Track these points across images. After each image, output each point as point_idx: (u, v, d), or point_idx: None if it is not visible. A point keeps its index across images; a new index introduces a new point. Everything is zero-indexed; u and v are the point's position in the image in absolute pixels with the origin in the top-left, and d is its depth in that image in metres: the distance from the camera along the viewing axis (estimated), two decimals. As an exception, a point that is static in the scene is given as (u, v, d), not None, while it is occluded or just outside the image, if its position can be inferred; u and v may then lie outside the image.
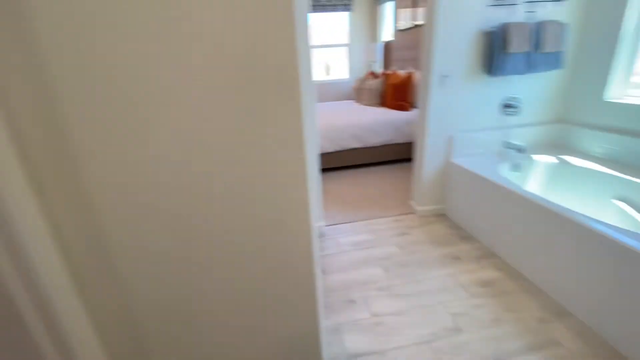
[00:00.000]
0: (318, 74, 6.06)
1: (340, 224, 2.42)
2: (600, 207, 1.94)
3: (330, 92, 6.12)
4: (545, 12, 2.06)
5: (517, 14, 2.03)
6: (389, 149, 3.61)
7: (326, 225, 2.40)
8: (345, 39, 5.95)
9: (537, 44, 2.02)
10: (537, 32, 2.00)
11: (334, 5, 5.52)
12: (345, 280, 1.80)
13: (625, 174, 1.85)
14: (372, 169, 3.58)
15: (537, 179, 2.24)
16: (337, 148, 3.46)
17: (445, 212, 2.46)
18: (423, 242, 2.12)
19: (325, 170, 3.61)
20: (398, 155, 3.67)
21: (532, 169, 2.24)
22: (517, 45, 1.97)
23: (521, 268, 1.76)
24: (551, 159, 2.19)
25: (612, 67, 2.01)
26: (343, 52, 6.04)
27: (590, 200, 2.00)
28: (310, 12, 5.49)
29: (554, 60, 2.09)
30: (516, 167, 2.22)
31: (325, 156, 3.47)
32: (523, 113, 2.31)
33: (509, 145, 2.28)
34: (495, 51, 1.99)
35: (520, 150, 2.19)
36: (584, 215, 1.42)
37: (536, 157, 2.23)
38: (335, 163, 3.55)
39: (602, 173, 1.95)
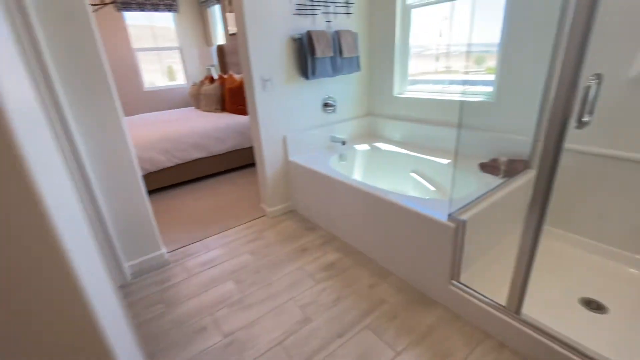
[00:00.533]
0: (156, 80, 5.38)
1: (188, 245, 2.20)
2: (404, 179, 2.43)
3: (167, 99, 5.54)
4: (339, 23, 2.40)
5: (319, 23, 2.29)
6: (237, 154, 3.54)
7: (169, 252, 2.14)
8: (175, 42, 5.48)
9: (338, 49, 2.33)
10: (337, 39, 2.31)
11: (155, 4, 4.98)
12: (195, 306, 1.64)
13: (415, 152, 2.37)
14: (222, 177, 3.43)
15: (359, 164, 2.63)
16: (178, 161, 3.14)
17: (294, 207, 2.59)
18: (274, 242, 2.16)
19: (164, 188, 3.23)
20: (247, 160, 3.64)
21: (355, 157, 2.61)
22: (322, 50, 2.21)
23: (355, 243, 2.02)
24: (366, 147, 2.60)
25: (394, 69, 2.53)
26: (176, 56, 5.56)
27: (397, 175, 2.48)
28: (124, 10, 4.81)
29: (353, 64, 2.46)
30: (343, 157, 2.53)
31: (161, 173, 3.10)
32: (340, 110, 2.65)
33: (334, 139, 2.58)
34: (306, 56, 2.19)
35: (343, 142, 2.51)
36: (382, 190, 1.73)
37: (357, 146, 2.61)
38: (178, 178, 3.22)
39: (401, 153, 2.44)
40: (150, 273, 1.94)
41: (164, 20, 5.33)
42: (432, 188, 2.27)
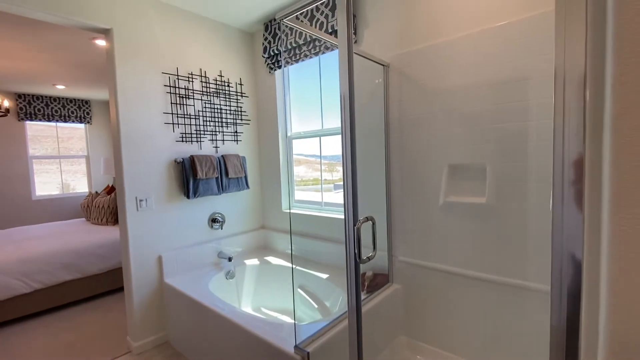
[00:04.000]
0: (50, 189, 4.93)
1: (4, 408, 1.68)
2: (292, 295, 2.37)
3: (62, 209, 5.04)
4: (227, 148, 2.64)
5: (205, 147, 2.48)
6: (120, 274, 3.17)
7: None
8: (83, 151, 5.35)
9: (224, 171, 2.50)
10: (222, 162, 2.49)
11: (65, 116, 4.99)
12: None
13: (301, 266, 2.40)
14: (98, 301, 2.95)
15: (248, 281, 2.53)
16: (39, 286, 2.67)
17: (168, 339, 2.26)
18: (127, 391, 1.78)
19: (14, 321, 2.63)
20: (135, 277, 3.26)
21: (244, 273, 2.52)
22: (205, 172, 2.34)
23: (224, 384, 1.76)
24: (256, 262, 2.57)
25: (281, 187, 2.75)
26: (82, 165, 5.34)
27: (286, 291, 2.41)
28: (27, 120, 4.69)
29: (241, 183, 2.62)
30: (230, 275, 2.42)
31: (14, 301, 2.56)
32: (230, 225, 2.67)
33: (222, 256, 2.52)
34: (188, 177, 2.28)
35: (229, 259, 2.45)
36: (238, 314, 1.63)
37: (247, 261, 2.55)
38: (36, 307, 2.68)
39: (289, 268, 2.44)
40: None
41: (73, 128, 5.28)
42: (315, 305, 2.24)
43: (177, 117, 2.30)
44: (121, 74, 2.02)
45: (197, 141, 2.42)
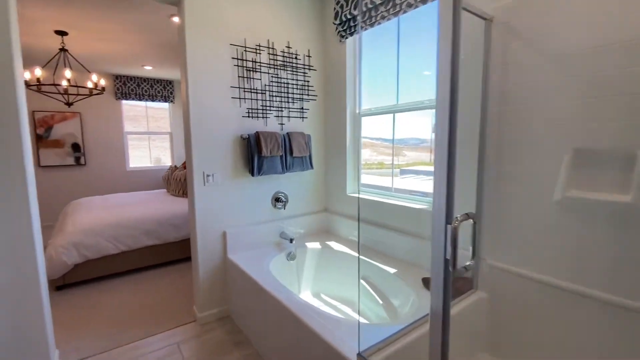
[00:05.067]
0: (142, 161, 5.55)
1: (92, 356, 1.87)
2: (355, 285, 2.20)
3: (149, 180, 5.62)
4: (292, 125, 2.50)
5: (271, 124, 2.38)
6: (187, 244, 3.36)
7: (63, 365, 1.80)
8: (167, 128, 5.84)
9: (289, 149, 2.37)
10: (287, 140, 2.37)
11: (152, 95, 5.45)
12: None
13: (367, 256, 2.20)
14: (171, 268, 3.18)
15: (309, 264, 2.42)
16: (125, 248, 2.96)
17: (230, 313, 2.29)
18: (190, 360, 1.83)
19: (102, 278, 2.97)
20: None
21: (305, 256, 2.42)
22: (270, 150, 2.24)
23: (280, 371, 1.69)
24: (317, 246, 2.44)
25: (346, 169, 2.54)
26: (167, 141, 5.85)
27: (348, 279, 2.25)
28: (122, 99, 5.25)
29: (305, 163, 2.48)
30: (291, 256, 2.34)
31: (103, 260, 2.88)
32: (293, 206, 2.57)
33: (283, 236, 2.44)
34: (253, 154, 2.21)
35: (290, 240, 2.36)
36: (299, 303, 1.50)
37: (309, 244, 2.45)
38: (121, 267, 2.99)
39: (353, 256, 2.26)
40: (23, 397, 1.58)
41: (159, 108, 5.77)
42: (380, 301, 2.03)
43: (244, 91, 2.22)
44: (191, 47, 1.98)
45: (262, 117, 2.33)
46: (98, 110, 5.04)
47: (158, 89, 5.50)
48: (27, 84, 2.96)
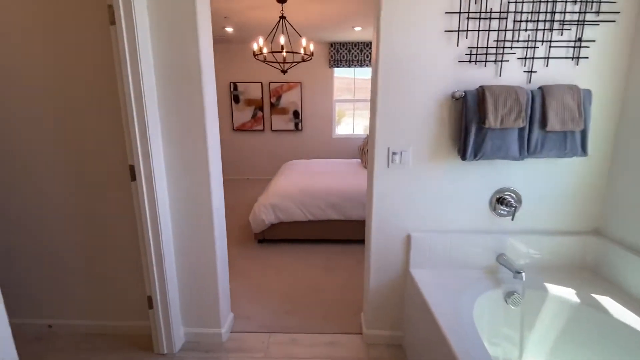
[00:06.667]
0: (346, 129, 5.72)
1: (253, 333, 1.78)
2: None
3: (352, 148, 5.68)
4: (550, 74, 1.38)
5: (508, 74, 1.39)
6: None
7: (232, 332, 1.79)
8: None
9: (539, 117, 1.33)
10: (539, 100, 1.32)
11: (361, 60, 5.28)
12: None
13: None
14: (349, 248, 2.88)
15: (549, 323, 1.39)
16: (311, 217, 2.89)
17: (404, 344, 1.67)
18: (341, 397, 1.38)
19: (283, 241, 3.02)
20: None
21: (540, 307, 1.40)
22: (503, 116, 1.30)
23: None
24: (571, 295, 1.35)
25: (678, 162, 1.20)
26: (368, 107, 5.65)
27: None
28: (335, 67, 5.34)
29: (571, 144, 1.34)
30: (514, 301, 1.40)
31: (294, 225, 2.92)
32: (530, 214, 1.53)
33: (505, 262, 1.50)
34: (470, 124, 1.35)
35: (517, 273, 1.39)
36: None
37: (551, 287, 1.40)
38: (307, 234, 2.96)
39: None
40: (199, 352, 1.65)
41: (367, 73, 5.56)
42: None
43: (467, 18, 1.34)
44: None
45: (495, 61, 1.38)
46: (314, 79, 5.39)
47: (367, 53, 5.24)
48: (254, 54, 3.28)
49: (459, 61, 1.38)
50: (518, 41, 1.36)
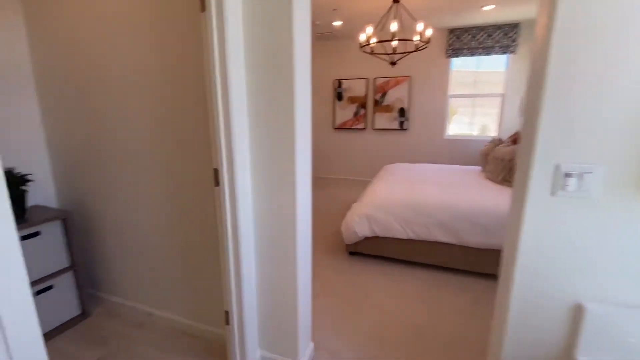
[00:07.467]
0: (460, 129, 4.92)
1: (337, 374, 1.49)
2: None
3: (466, 152, 4.85)
4: None
5: None
6: (496, 257, 2.23)
7: (309, 368, 1.53)
8: (500, 89, 4.63)
9: None
10: None
11: (489, 47, 4.40)
12: None
13: None
14: (461, 280, 2.30)
15: None
16: (413, 236, 2.42)
17: None
18: None
19: (379, 257, 2.60)
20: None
21: None
22: None
23: None
24: None
25: None
26: (496, 105, 4.70)
27: None
28: (454, 56, 4.56)
29: None
30: None
31: (391, 241, 2.50)
32: None
33: None
34: None
35: None
36: None
37: None
38: (407, 255, 2.50)
39: None
40: (271, 383, 1.45)
41: (491, 64, 4.62)
42: None
43: None
44: None
45: None
46: (426, 71, 4.76)
47: (497, 38, 4.32)
48: (361, 46, 2.96)
49: None
50: None
